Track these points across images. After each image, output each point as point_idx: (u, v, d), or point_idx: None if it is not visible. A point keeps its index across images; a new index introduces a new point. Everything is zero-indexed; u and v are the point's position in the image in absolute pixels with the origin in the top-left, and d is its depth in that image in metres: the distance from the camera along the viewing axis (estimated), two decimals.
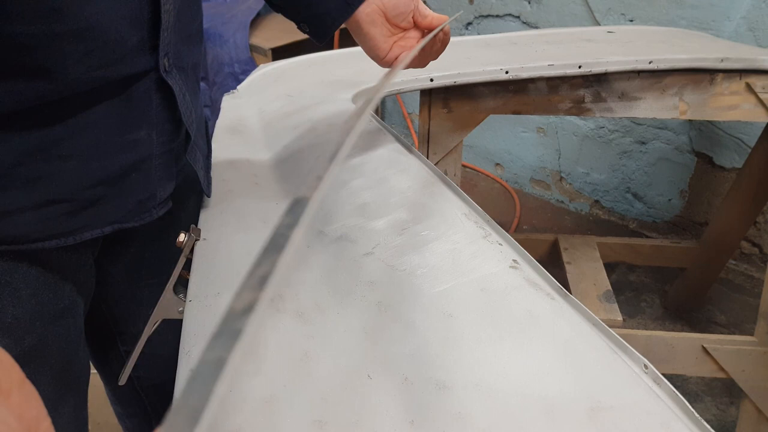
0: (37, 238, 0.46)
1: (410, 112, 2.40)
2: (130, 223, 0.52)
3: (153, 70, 0.47)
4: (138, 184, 0.51)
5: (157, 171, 0.52)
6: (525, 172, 2.14)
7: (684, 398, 0.37)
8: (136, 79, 0.46)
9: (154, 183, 0.52)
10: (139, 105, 0.48)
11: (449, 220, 0.56)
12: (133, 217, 0.52)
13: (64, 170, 0.45)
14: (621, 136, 1.82)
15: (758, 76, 1.02)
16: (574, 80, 1.04)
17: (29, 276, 0.49)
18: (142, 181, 0.51)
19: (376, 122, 0.78)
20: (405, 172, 0.65)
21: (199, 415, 0.12)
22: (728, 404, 1.31)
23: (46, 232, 0.46)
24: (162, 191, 0.54)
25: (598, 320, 0.43)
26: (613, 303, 1.31)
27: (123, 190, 0.49)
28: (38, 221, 0.46)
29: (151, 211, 0.53)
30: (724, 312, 1.56)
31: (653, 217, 1.86)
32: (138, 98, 0.47)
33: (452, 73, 0.94)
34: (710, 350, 1.12)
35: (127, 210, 0.51)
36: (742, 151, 1.55)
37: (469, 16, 2.03)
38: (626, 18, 1.66)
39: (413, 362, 0.41)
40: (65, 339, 0.55)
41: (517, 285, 0.48)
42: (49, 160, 0.44)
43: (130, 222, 0.52)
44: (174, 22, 0.47)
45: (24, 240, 0.46)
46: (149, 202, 0.53)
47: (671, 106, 1.05)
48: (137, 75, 0.46)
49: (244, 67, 2.07)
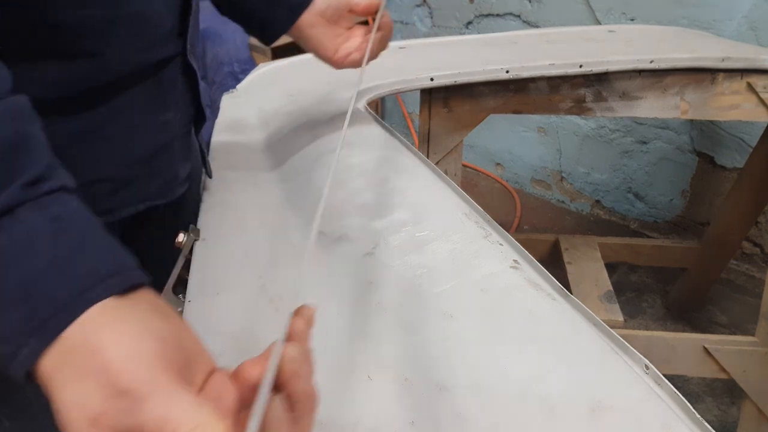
0: None
1: (410, 112, 2.39)
2: (159, 200, 0.55)
3: (180, 55, 0.52)
4: (164, 163, 0.55)
5: (178, 151, 0.57)
6: (525, 171, 2.14)
7: (685, 399, 0.37)
8: (166, 62, 0.51)
9: (176, 163, 0.57)
10: (168, 88, 0.52)
11: (449, 220, 0.56)
12: (161, 195, 0.56)
13: (106, 151, 0.48)
14: (622, 136, 1.82)
15: (759, 75, 1.02)
16: (575, 79, 1.04)
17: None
18: (168, 161, 0.55)
19: (376, 122, 0.77)
20: (405, 172, 0.65)
21: None
22: (729, 405, 1.31)
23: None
24: (182, 171, 0.59)
25: (599, 320, 0.43)
26: (614, 303, 1.31)
27: (153, 169, 0.53)
28: (84, 201, 0.48)
29: (175, 189, 0.58)
30: (725, 312, 1.55)
31: (654, 217, 1.86)
32: (167, 81, 0.52)
33: (452, 72, 0.94)
34: (711, 351, 1.11)
35: (156, 188, 0.55)
36: (744, 151, 1.54)
37: (470, 15, 2.03)
38: (627, 17, 1.65)
39: (413, 363, 0.41)
40: None
41: (518, 285, 0.47)
42: (94, 142, 0.47)
43: (159, 199, 0.56)
44: (196, 9, 0.52)
45: None
46: (173, 181, 0.57)
47: (672, 106, 1.05)
48: (168, 59, 0.51)
49: (244, 66, 2.07)
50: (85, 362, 0.26)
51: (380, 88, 0.90)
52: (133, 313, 0.28)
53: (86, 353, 0.26)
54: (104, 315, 0.27)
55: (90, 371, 0.26)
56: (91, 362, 0.26)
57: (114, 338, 0.26)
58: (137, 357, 0.26)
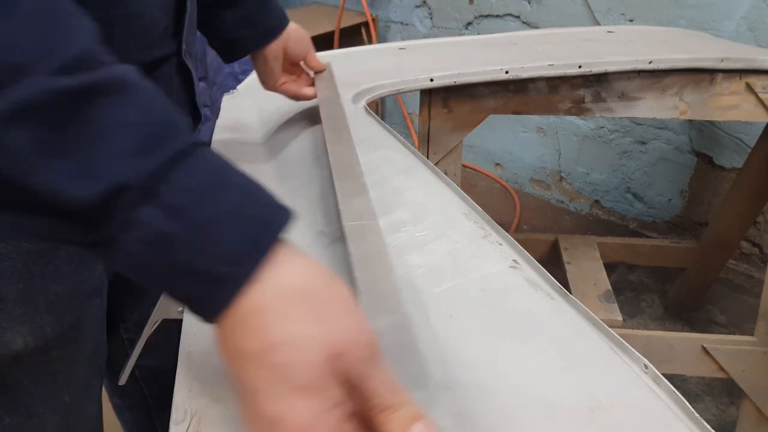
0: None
1: (410, 112, 2.40)
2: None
3: (175, 55, 0.52)
4: None
5: None
6: (525, 172, 2.14)
7: (684, 398, 0.37)
8: (161, 62, 0.51)
9: None
10: (163, 88, 0.52)
11: (449, 220, 0.56)
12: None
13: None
14: (621, 136, 1.82)
15: (758, 76, 1.02)
16: (574, 80, 1.04)
17: (70, 253, 0.51)
18: None
19: (376, 122, 0.78)
20: (405, 172, 0.65)
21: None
22: (728, 404, 1.31)
23: None
24: None
25: (598, 320, 0.43)
26: (613, 303, 1.31)
27: None
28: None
29: None
30: (724, 312, 1.56)
31: (653, 217, 1.86)
32: (163, 81, 0.52)
33: (452, 73, 0.94)
34: (710, 350, 1.12)
35: None
36: (742, 151, 1.55)
37: (469, 16, 2.03)
38: (626, 18, 1.66)
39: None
40: (96, 320, 0.57)
41: (517, 285, 0.48)
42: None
43: None
44: (191, 9, 0.53)
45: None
46: None
47: (671, 106, 1.05)
48: (163, 59, 0.51)
49: (244, 67, 2.06)
50: (327, 300, 0.27)
51: (380, 88, 0.90)
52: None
53: (325, 290, 0.27)
54: (299, 253, 0.28)
55: (334, 311, 0.27)
56: (335, 304, 0.27)
57: (344, 288, 0.28)
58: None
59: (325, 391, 0.26)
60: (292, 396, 0.25)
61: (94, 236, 0.25)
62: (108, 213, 0.24)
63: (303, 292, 0.27)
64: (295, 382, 0.25)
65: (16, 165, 0.23)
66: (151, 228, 0.25)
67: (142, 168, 0.25)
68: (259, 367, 0.26)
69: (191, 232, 0.25)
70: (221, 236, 0.25)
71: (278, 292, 0.26)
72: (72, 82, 0.24)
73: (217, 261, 0.25)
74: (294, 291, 0.27)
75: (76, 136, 0.24)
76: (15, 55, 0.23)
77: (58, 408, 0.56)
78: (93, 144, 0.24)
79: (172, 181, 0.25)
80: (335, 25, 2.19)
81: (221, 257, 0.25)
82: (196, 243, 0.25)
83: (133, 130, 0.25)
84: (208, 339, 0.45)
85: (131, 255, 0.25)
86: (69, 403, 0.57)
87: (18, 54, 0.23)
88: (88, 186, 0.24)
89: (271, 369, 0.25)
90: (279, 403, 0.25)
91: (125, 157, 0.25)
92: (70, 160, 0.24)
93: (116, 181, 0.24)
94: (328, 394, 0.26)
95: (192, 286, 0.26)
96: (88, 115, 0.24)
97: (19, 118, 0.22)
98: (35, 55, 0.23)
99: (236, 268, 0.26)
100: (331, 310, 0.27)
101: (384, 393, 0.27)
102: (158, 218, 0.25)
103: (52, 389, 0.55)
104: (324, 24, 2.22)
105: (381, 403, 0.27)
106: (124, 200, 0.24)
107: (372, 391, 0.27)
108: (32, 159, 0.23)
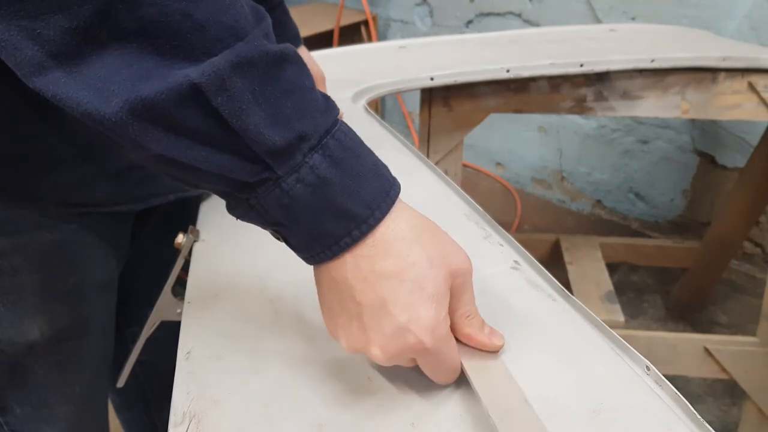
0: (114, 202, 0.53)
1: (410, 111, 2.39)
2: (187, 192, 0.58)
3: None
4: None
5: None
6: (526, 171, 2.14)
7: (686, 399, 0.37)
8: None
9: None
10: None
11: (449, 220, 0.56)
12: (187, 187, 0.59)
13: None
14: (623, 136, 1.81)
15: (760, 75, 1.02)
16: (575, 79, 1.04)
17: (85, 244, 0.53)
18: None
19: (376, 121, 0.77)
20: (405, 172, 0.64)
21: None
22: (730, 405, 1.31)
23: (121, 197, 0.53)
24: None
25: (600, 321, 0.43)
26: (615, 304, 1.30)
27: None
28: (115, 188, 0.52)
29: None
30: (726, 313, 1.55)
31: (655, 217, 1.85)
32: None
33: (453, 71, 0.94)
34: (712, 351, 1.11)
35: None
36: (745, 151, 1.54)
37: (470, 14, 2.03)
38: (628, 16, 1.65)
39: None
40: (107, 312, 0.59)
41: (518, 286, 0.47)
42: None
43: (187, 191, 0.58)
44: None
45: (103, 203, 0.52)
46: None
47: (673, 105, 1.05)
48: None
49: None
50: (441, 234, 0.36)
51: (380, 87, 0.89)
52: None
53: (437, 228, 0.36)
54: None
55: (448, 241, 0.36)
56: (446, 237, 0.36)
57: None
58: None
59: (444, 299, 0.34)
60: (425, 303, 0.33)
61: (263, 175, 0.30)
62: (286, 155, 0.30)
63: (425, 227, 0.35)
64: (428, 292, 0.33)
65: (236, 107, 0.28)
66: (315, 171, 0.31)
67: (321, 124, 0.31)
68: (399, 282, 0.33)
69: (344, 179, 0.31)
70: (365, 185, 0.32)
71: (409, 227, 0.34)
72: (273, 47, 0.30)
73: (360, 204, 0.32)
74: (419, 226, 0.34)
75: (274, 91, 0.29)
76: (240, 21, 0.29)
77: (68, 398, 0.58)
78: (287, 98, 0.30)
79: (336, 137, 0.32)
80: (335, 24, 2.19)
81: (363, 201, 0.32)
82: (345, 188, 0.31)
83: (312, 92, 0.31)
84: (208, 340, 0.45)
85: (286, 193, 0.31)
86: (79, 394, 0.59)
87: (242, 20, 0.29)
88: (282, 131, 0.29)
89: (409, 282, 0.33)
90: (412, 309, 0.33)
91: (311, 113, 0.31)
92: (270, 109, 0.29)
93: (303, 131, 0.30)
94: (445, 301, 0.34)
95: (332, 223, 0.32)
96: (281, 76, 0.30)
97: (241, 69, 0.28)
98: (247, 22, 0.29)
99: (374, 211, 0.33)
100: (446, 240, 0.36)
101: (470, 303, 0.37)
102: (323, 164, 0.31)
103: (64, 380, 0.57)
104: (323, 22, 2.21)
105: (468, 311, 0.37)
106: (303, 147, 0.30)
107: (465, 301, 0.36)
108: (246, 103, 0.28)
